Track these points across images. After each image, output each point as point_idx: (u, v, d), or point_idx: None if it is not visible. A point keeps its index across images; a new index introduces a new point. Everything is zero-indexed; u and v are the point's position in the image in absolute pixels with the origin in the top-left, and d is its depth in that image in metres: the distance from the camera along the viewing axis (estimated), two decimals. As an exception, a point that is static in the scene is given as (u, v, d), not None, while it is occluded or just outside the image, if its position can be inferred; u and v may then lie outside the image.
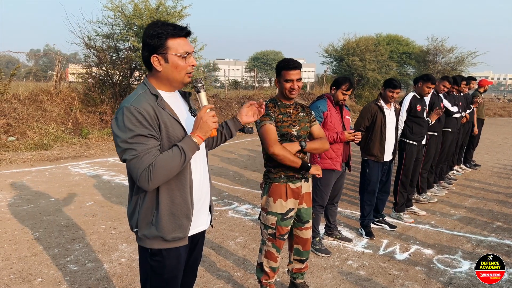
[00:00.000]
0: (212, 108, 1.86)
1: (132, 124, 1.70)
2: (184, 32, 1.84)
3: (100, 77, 13.05)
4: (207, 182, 2.08)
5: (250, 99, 17.44)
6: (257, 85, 26.09)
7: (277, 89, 3.02)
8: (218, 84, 36.19)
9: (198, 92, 1.93)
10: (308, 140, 3.02)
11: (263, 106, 2.21)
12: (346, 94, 4.00)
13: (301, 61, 3.08)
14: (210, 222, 2.20)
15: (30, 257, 3.84)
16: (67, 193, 5.97)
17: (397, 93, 4.45)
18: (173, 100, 1.95)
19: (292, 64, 2.87)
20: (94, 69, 13.11)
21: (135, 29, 12.82)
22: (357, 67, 25.75)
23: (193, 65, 1.89)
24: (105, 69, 12.87)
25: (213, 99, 16.36)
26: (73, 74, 13.72)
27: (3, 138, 9.50)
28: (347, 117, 4.18)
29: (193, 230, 2.01)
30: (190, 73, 1.89)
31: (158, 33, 1.80)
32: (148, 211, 1.88)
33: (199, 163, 2.01)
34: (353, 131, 3.95)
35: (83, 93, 12.48)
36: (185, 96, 2.10)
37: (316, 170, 2.98)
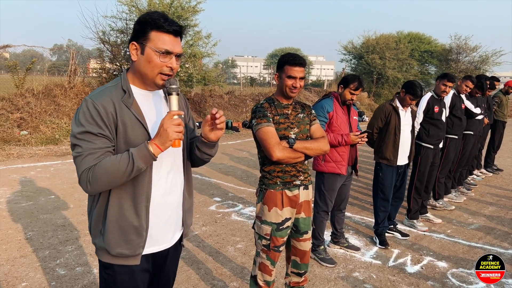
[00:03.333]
0: (179, 115, 1.58)
1: (85, 119, 1.55)
2: (171, 29, 1.60)
3: (114, 72, 12.99)
4: (177, 194, 1.81)
5: (265, 96, 17.17)
6: (274, 82, 25.77)
7: (277, 86, 2.76)
8: (235, 81, 36.05)
9: (170, 94, 1.64)
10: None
11: (218, 116, 1.69)
12: (354, 94, 3.71)
13: (320, 58, 2.81)
14: (181, 240, 1.94)
15: (19, 259, 3.69)
16: (69, 191, 5.83)
17: (416, 100, 4.18)
18: (147, 99, 1.70)
19: (298, 60, 2.60)
20: (108, 64, 13.07)
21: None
22: (376, 65, 25.16)
23: (171, 67, 1.62)
24: (119, 64, 12.80)
25: (227, 96, 16.14)
26: (93, 69, 13.73)
27: (16, 132, 9.50)
28: (354, 117, 3.90)
29: (151, 248, 1.75)
30: (165, 75, 1.63)
31: (146, 21, 1.60)
32: (99, 218, 1.68)
33: (166, 172, 1.74)
34: (359, 132, 3.66)
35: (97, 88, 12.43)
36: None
37: None
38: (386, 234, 4.53)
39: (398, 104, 4.26)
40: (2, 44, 11.53)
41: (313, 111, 2.86)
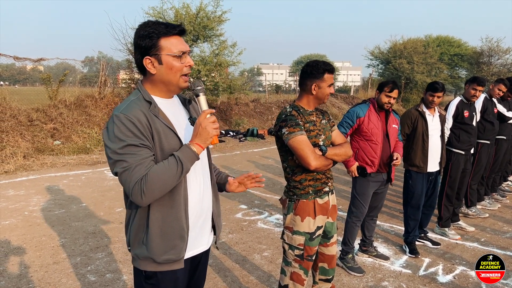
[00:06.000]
0: (212, 113, 1.67)
1: (122, 134, 1.55)
2: (177, 30, 1.66)
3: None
4: (208, 197, 1.87)
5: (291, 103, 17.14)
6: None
7: (299, 94, 2.75)
8: (261, 89, 36.19)
9: (197, 96, 1.73)
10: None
11: (262, 180, 2.01)
12: (390, 97, 3.64)
13: (346, 64, 2.83)
14: (216, 242, 1.99)
15: (52, 265, 3.80)
16: (99, 199, 5.98)
17: (438, 97, 4.05)
18: (170, 107, 1.76)
19: (333, 67, 2.65)
20: (137, 75, 13.36)
21: None
22: (404, 70, 24.77)
23: (190, 66, 1.70)
24: (147, 75, 13.06)
25: (253, 103, 16.21)
26: (122, 79, 14.10)
27: (49, 142, 9.83)
28: (394, 125, 3.78)
29: (191, 252, 1.81)
30: (186, 75, 1.70)
31: (149, 33, 1.63)
32: (140, 228, 1.71)
33: (199, 176, 1.80)
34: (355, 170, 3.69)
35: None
36: (185, 103, 1.90)
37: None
38: (416, 243, 4.41)
39: (425, 109, 4.17)
40: (36, 57, 12.00)
41: (331, 117, 2.86)
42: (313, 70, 2.61)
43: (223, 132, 12.92)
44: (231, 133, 13.16)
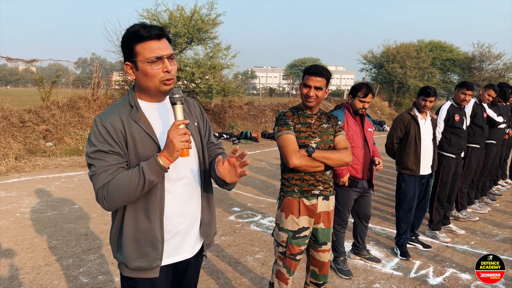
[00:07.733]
0: (185, 124, 1.57)
1: (95, 139, 1.59)
2: (151, 34, 1.57)
3: (136, 85, 13.24)
4: (196, 204, 1.82)
5: (285, 107, 17.20)
6: (294, 92, 25.70)
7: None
8: (255, 92, 36.27)
9: (174, 104, 1.61)
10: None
11: (245, 159, 1.72)
12: (364, 102, 3.63)
13: (340, 68, 2.82)
14: (203, 251, 1.93)
15: (43, 267, 3.79)
16: (91, 201, 5.95)
17: (430, 101, 4.10)
18: (155, 112, 1.72)
19: (316, 70, 2.61)
20: (130, 77, 13.32)
21: (170, 37, 13.04)
22: (397, 74, 24.97)
23: (167, 71, 1.61)
24: (140, 77, 13.05)
25: (247, 106, 16.24)
26: (115, 81, 14.06)
27: (41, 143, 9.78)
28: (369, 129, 3.79)
29: (170, 259, 1.77)
30: (167, 80, 1.62)
31: (126, 38, 1.61)
32: (116, 233, 1.73)
33: (182, 183, 1.75)
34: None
35: (119, 100, 12.71)
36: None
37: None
38: (408, 245, 4.46)
39: (417, 113, 4.22)
40: (29, 58, 11.94)
41: (339, 123, 2.82)
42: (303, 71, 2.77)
43: (216, 134, 12.92)
44: (225, 136, 13.18)
